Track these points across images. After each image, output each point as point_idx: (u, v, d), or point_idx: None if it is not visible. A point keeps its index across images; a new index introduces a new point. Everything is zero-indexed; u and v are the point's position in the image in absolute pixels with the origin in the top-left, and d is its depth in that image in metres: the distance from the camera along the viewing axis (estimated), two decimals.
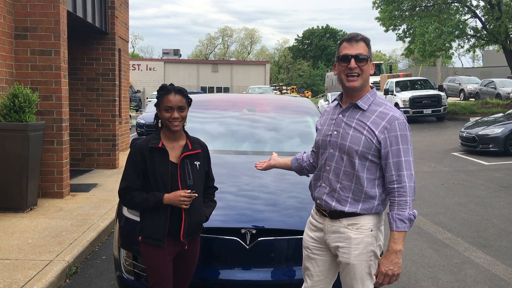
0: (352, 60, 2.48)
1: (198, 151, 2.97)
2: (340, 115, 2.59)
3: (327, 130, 2.63)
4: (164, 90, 2.89)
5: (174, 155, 2.90)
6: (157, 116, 2.99)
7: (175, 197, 2.80)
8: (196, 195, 2.85)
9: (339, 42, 2.61)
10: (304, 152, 3.08)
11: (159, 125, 2.95)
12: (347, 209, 2.53)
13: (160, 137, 2.91)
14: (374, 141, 2.46)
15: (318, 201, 2.66)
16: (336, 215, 2.57)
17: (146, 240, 2.89)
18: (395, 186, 2.45)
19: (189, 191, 2.81)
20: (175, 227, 2.88)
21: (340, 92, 2.72)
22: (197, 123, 4.98)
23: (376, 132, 2.46)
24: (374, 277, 2.57)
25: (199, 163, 2.96)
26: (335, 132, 2.57)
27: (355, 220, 2.54)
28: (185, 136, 3.00)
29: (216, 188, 3.18)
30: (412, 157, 2.49)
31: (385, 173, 2.49)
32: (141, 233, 2.92)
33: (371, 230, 2.55)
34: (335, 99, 2.70)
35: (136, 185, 2.88)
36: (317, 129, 2.79)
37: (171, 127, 2.87)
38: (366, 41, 2.54)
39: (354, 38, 2.52)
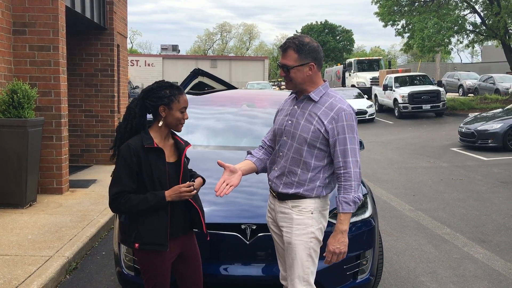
0: (281, 70, 2.76)
1: (190, 145, 2.92)
2: (295, 106, 2.81)
3: (283, 120, 2.85)
4: (177, 90, 2.74)
5: (166, 155, 2.78)
6: (156, 114, 2.77)
7: (174, 191, 2.68)
8: (195, 183, 2.76)
9: None
10: (260, 149, 3.03)
11: (159, 124, 2.75)
12: (291, 191, 2.75)
13: (151, 137, 2.74)
14: (322, 131, 2.67)
15: (270, 183, 2.89)
16: (283, 196, 2.79)
17: (147, 247, 2.69)
18: (342, 171, 2.66)
19: (187, 183, 2.72)
20: (175, 227, 2.77)
21: None
22: (196, 119, 4.98)
23: (325, 122, 2.67)
24: (315, 259, 2.76)
25: (187, 158, 2.95)
26: (289, 122, 2.79)
27: (298, 203, 2.75)
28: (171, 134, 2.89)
29: (197, 173, 3.11)
30: (358, 146, 2.70)
31: (333, 160, 2.71)
32: (139, 239, 2.70)
33: (312, 213, 2.75)
34: (292, 92, 2.91)
35: (130, 188, 2.68)
36: (275, 120, 2.98)
37: (179, 128, 2.78)
38: (294, 47, 2.68)
39: (282, 47, 2.74)
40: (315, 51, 2.70)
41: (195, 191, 2.76)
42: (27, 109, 6.37)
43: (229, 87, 5.63)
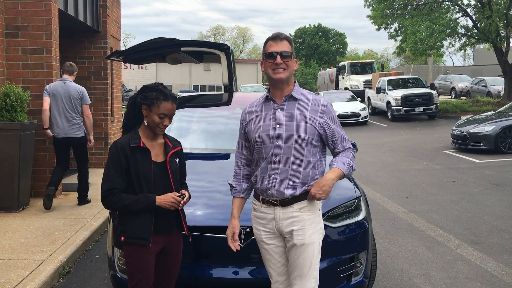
0: (278, 57, 2.72)
1: (179, 148, 3.00)
2: (278, 109, 2.79)
3: (267, 126, 2.78)
4: (163, 96, 2.80)
5: (154, 153, 2.87)
6: (136, 113, 2.86)
7: (165, 199, 2.79)
8: (186, 196, 2.87)
9: (265, 41, 2.83)
10: (238, 177, 3.00)
11: (145, 122, 2.86)
12: (299, 193, 2.75)
13: (139, 136, 2.85)
14: (316, 126, 2.75)
15: (269, 192, 2.78)
16: (288, 202, 2.76)
17: (131, 240, 2.82)
18: (342, 151, 2.83)
19: (179, 194, 2.83)
20: (161, 223, 2.86)
21: (267, 90, 2.89)
22: (189, 122, 4.98)
23: (317, 118, 2.76)
24: (320, 252, 2.83)
25: (178, 159, 3.00)
26: (278, 125, 2.75)
27: (305, 203, 2.77)
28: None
29: (186, 185, 3.14)
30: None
31: (334, 148, 2.83)
32: (124, 233, 2.83)
33: (319, 210, 2.84)
34: (265, 96, 2.86)
35: (120, 186, 2.78)
36: (246, 129, 2.88)
37: (157, 131, 2.84)
38: (289, 40, 2.80)
39: (279, 37, 2.77)
40: None
41: (182, 204, 2.85)
42: (19, 112, 6.35)
43: (231, 83, 5.75)
